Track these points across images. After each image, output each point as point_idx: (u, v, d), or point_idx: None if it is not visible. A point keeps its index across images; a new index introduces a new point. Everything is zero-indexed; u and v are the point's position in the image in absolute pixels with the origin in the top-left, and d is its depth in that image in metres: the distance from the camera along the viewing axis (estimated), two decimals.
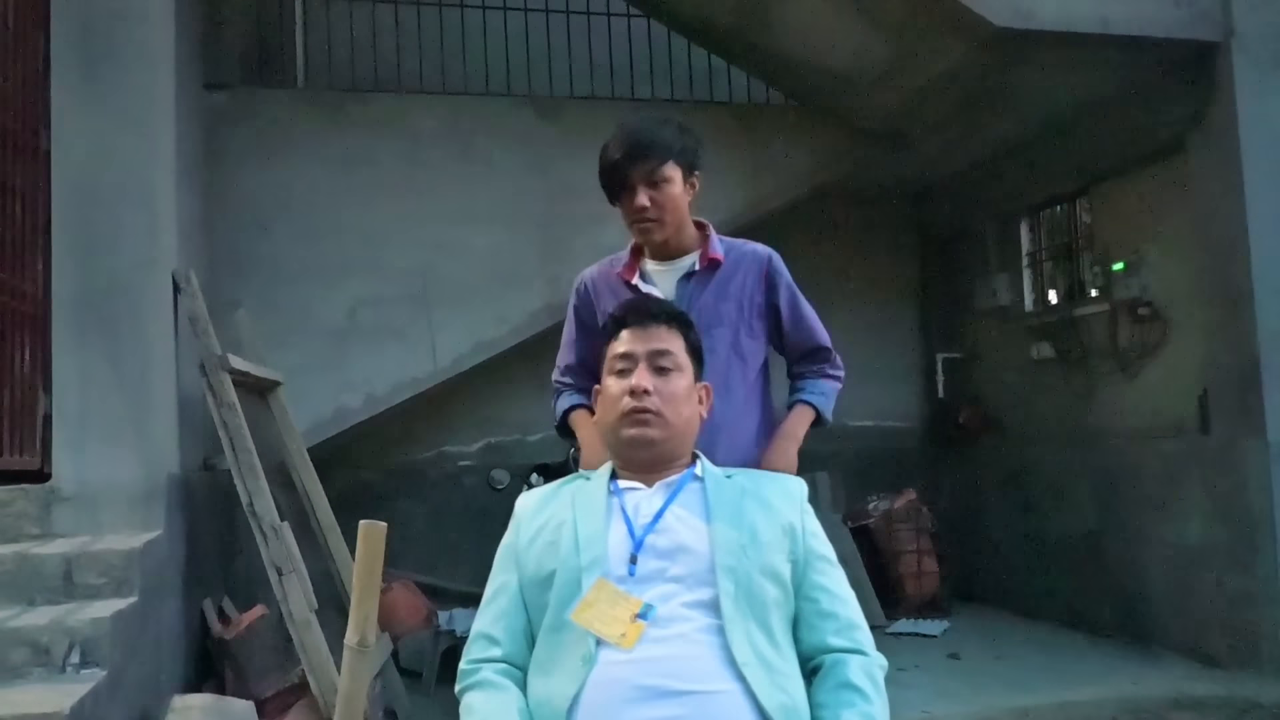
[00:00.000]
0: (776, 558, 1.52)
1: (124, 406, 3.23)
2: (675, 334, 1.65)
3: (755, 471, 1.77)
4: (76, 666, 2.51)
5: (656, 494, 1.59)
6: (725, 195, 4.93)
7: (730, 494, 1.59)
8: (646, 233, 2.04)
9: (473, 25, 4.99)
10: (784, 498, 1.62)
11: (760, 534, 1.53)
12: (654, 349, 1.62)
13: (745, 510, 1.56)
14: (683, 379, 1.63)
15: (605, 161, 2.04)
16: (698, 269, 2.09)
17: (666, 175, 2.00)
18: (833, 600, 1.53)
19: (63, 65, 3.30)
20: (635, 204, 2.00)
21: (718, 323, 2.06)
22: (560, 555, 1.51)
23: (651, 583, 1.47)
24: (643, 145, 1.99)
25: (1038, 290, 5.82)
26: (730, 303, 2.09)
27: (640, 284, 2.06)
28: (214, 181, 4.17)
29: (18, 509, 3.05)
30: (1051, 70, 4.41)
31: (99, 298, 3.27)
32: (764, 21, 4.60)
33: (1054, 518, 5.39)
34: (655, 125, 2.04)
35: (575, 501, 1.60)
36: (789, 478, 1.71)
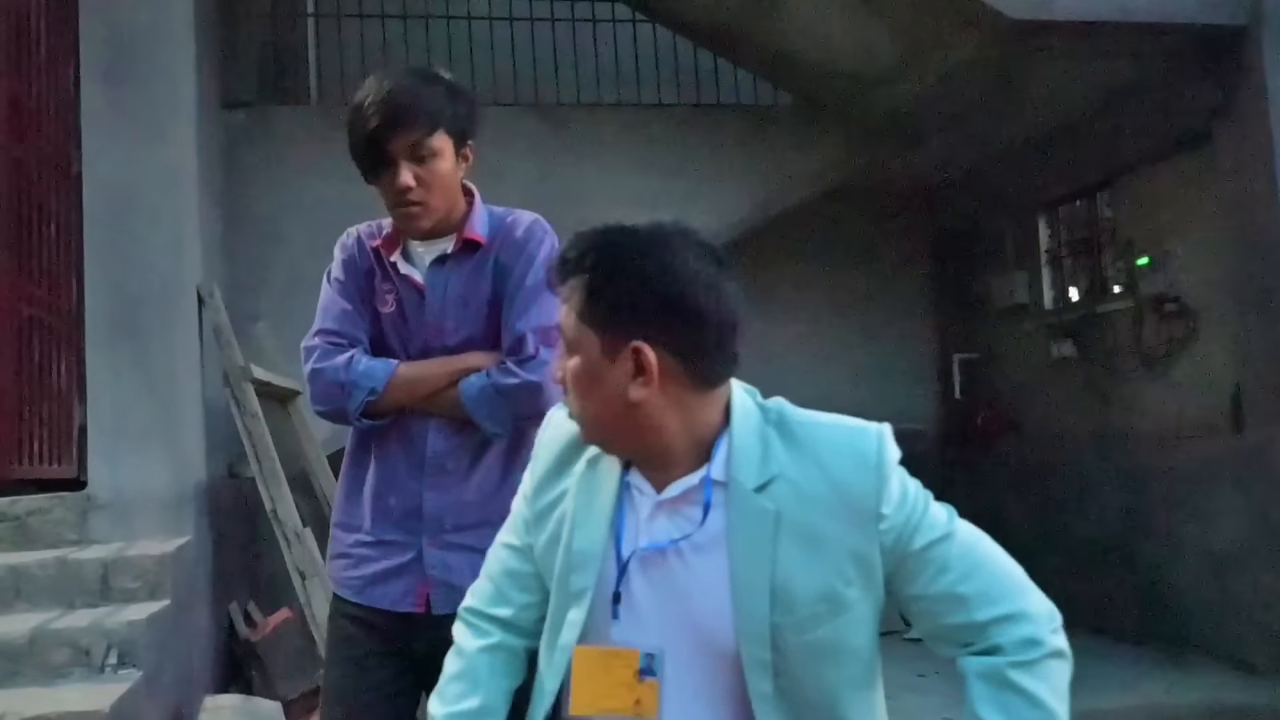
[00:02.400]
0: (837, 621, 1.12)
1: (154, 417, 3.34)
2: (574, 289, 1.14)
3: (808, 446, 1.15)
4: (114, 667, 2.60)
5: (662, 512, 1.18)
6: (734, 197, 5.00)
7: (758, 524, 1.12)
8: (411, 219, 1.66)
9: (480, 37, 5.08)
10: (846, 504, 1.12)
11: (800, 597, 1.10)
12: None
13: (781, 558, 1.11)
14: (573, 361, 1.15)
15: (359, 131, 1.61)
16: (452, 250, 1.71)
17: (435, 148, 1.62)
18: (957, 579, 1.12)
19: (91, 90, 3.44)
20: (398, 183, 1.61)
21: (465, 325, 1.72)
22: (555, 565, 1.24)
23: (647, 623, 1.16)
24: (405, 111, 1.59)
25: (1057, 287, 5.79)
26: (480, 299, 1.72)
27: (400, 263, 1.72)
28: (233, 197, 4.28)
29: (56, 516, 3.15)
30: (1070, 61, 4.36)
31: (129, 312, 3.38)
32: (770, 22, 4.65)
33: (1078, 520, 5.32)
34: (419, 85, 1.64)
35: (585, 484, 1.24)
36: (857, 444, 1.14)
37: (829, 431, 1.16)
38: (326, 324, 1.73)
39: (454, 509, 1.70)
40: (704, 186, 4.95)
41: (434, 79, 1.69)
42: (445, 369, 1.70)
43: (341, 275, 1.76)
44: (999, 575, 1.14)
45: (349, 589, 1.74)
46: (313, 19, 5.26)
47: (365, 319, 1.74)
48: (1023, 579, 1.15)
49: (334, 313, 1.74)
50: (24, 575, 2.83)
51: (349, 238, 1.79)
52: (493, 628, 1.32)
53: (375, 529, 1.73)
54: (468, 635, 1.32)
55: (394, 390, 1.68)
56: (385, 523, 1.72)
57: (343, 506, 1.79)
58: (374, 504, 1.73)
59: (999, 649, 1.11)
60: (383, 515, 1.72)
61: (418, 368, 1.70)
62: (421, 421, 1.71)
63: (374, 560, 1.72)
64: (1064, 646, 1.13)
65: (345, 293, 1.75)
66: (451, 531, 1.69)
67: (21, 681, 2.50)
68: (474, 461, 1.72)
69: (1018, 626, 1.11)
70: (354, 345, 1.72)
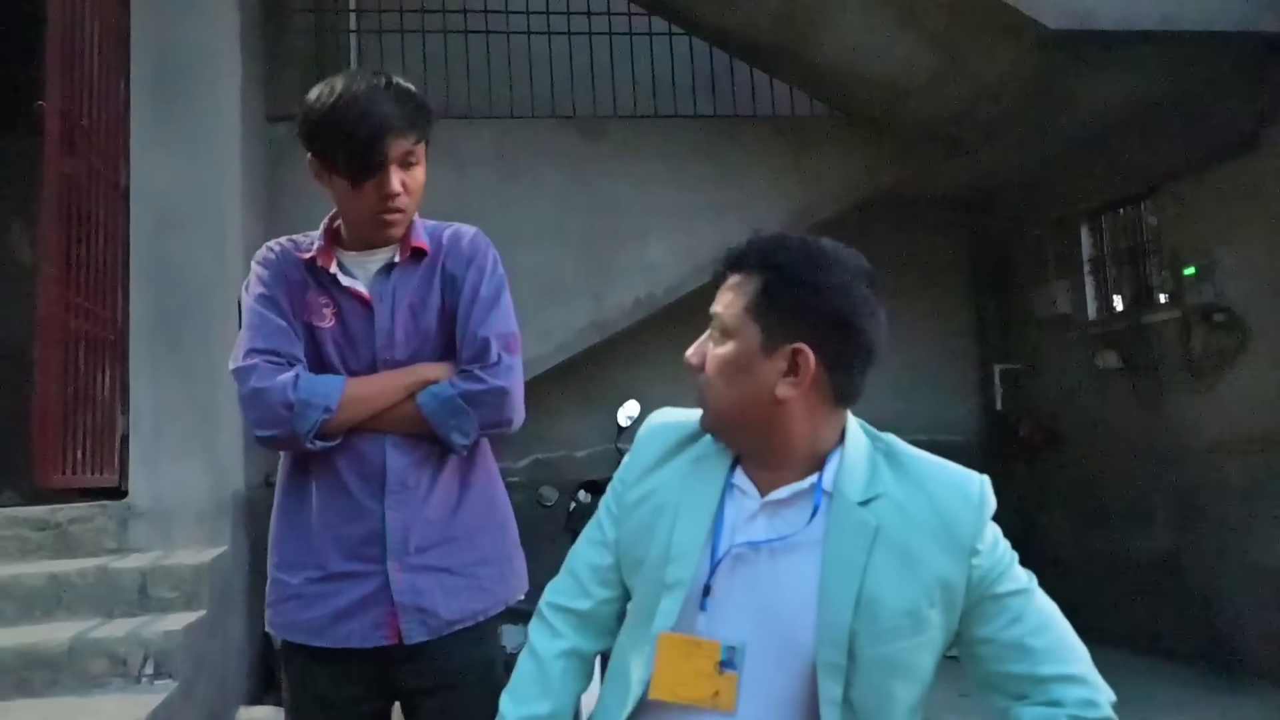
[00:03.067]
0: (915, 639, 1.16)
1: (193, 426, 3.40)
2: (745, 283, 1.21)
3: (916, 475, 1.23)
4: (151, 677, 2.65)
5: (764, 513, 1.23)
6: (771, 208, 4.97)
7: (857, 535, 1.18)
8: (391, 225, 1.60)
9: (518, 50, 5.10)
10: (946, 532, 1.18)
11: (885, 610, 1.15)
12: (713, 310, 1.25)
13: (872, 569, 1.16)
14: (725, 347, 1.21)
15: (351, 135, 1.52)
16: (399, 259, 1.65)
17: (419, 156, 1.60)
18: (1028, 632, 1.19)
19: (140, 106, 3.52)
20: (388, 188, 1.55)
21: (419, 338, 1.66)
22: (649, 553, 1.26)
23: (732, 618, 1.20)
24: (404, 118, 1.55)
25: (1101, 297, 5.69)
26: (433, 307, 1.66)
27: (339, 274, 1.63)
28: (275, 208, 4.35)
29: (98, 525, 3.23)
30: (1111, 70, 4.30)
31: (171, 323, 3.45)
32: (807, 35, 4.63)
33: (1125, 535, 5.21)
34: (404, 94, 1.58)
35: (688, 481, 1.28)
36: (964, 483, 1.22)
37: (936, 468, 1.25)
38: (259, 343, 1.58)
39: (418, 528, 1.60)
40: (740, 197, 4.93)
41: (410, 88, 1.62)
42: (399, 382, 1.60)
43: (268, 291, 1.62)
44: (1069, 640, 1.21)
45: (306, 632, 1.60)
46: (355, 34, 5.34)
47: (300, 336, 1.62)
48: (1085, 653, 1.21)
49: (267, 330, 1.60)
50: (65, 583, 2.90)
51: (270, 252, 1.67)
52: (567, 628, 1.36)
53: (328, 562, 1.59)
54: (543, 636, 1.36)
55: (348, 407, 1.56)
56: (339, 554, 1.59)
57: (281, 545, 1.65)
58: (323, 535, 1.60)
59: (1058, 703, 1.16)
60: (335, 546, 1.59)
61: (369, 383, 1.60)
62: (374, 439, 1.60)
63: (332, 596, 1.58)
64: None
65: (276, 309, 1.61)
66: (415, 553, 1.59)
67: (60, 691, 2.56)
68: (434, 477, 1.63)
69: (1080, 688, 1.17)
70: (293, 364, 1.58)
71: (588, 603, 1.35)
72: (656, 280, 4.81)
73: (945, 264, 6.39)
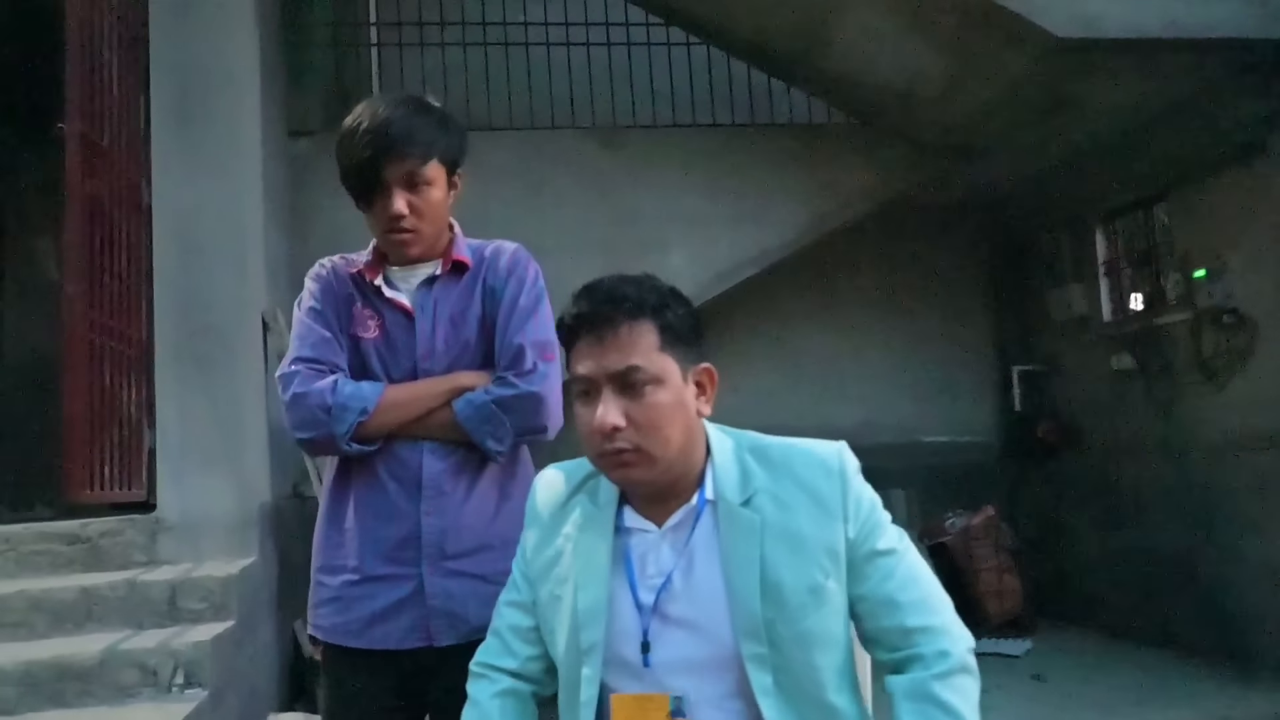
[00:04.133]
0: (821, 611, 1.25)
1: (220, 440, 3.45)
2: (640, 326, 1.24)
3: (781, 463, 1.32)
4: (181, 687, 2.69)
5: (665, 541, 1.31)
6: (789, 215, 4.99)
7: (746, 533, 1.27)
8: (402, 245, 1.66)
9: (538, 62, 5.15)
10: (818, 506, 1.28)
11: (789, 590, 1.24)
12: (614, 369, 1.23)
13: (768, 558, 1.25)
14: (661, 392, 1.23)
15: (352, 158, 1.62)
16: (440, 273, 1.71)
17: (428, 177, 1.63)
18: (897, 587, 1.28)
19: (162, 126, 3.57)
20: (391, 210, 1.62)
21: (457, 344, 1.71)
22: (562, 625, 1.32)
23: (675, 669, 1.26)
24: (400, 140, 1.60)
25: (1115, 300, 5.69)
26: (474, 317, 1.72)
27: (384, 287, 1.70)
28: (298, 223, 4.41)
29: (127, 538, 3.28)
30: (1120, 76, 4.31)
31: (196, 339, 3.50)
32: (822, 43, 4.65)
33: (1141, 533, 5.24)
34: (413, 115, 1.64)
35: (579, 545, 1.34)
36: (822, 456, 1.31)
37: (798, 450, 1.34)
38: (304, 352, 1.67)
39: (453, 534, 1.64)
40: (758, 204, 4.95)
41: (427, 108, 1.68)
42: (436, 389, 1.65)
43: (317, 304, 1.70)
44: (932, 593, 1.30)
45: (345, 634, 1.65)
46: (375, 48, 5.39)
47: (344, 347, 1.69)
48: (948, 603, 1.32)
49: (311, 340, 1.68)
50: (95, 596, 2.95)
51: (322, 268, 1.75)
52: (501, 675, 1.40)
53: (366, 565, 1.64)
54: (479, 685, 1.41)
55: (385, 411, 1.62)
56: (377, 557, 1.64)
57: (324, 549, 1.70)
58: (362, 538, 1.65)
59: (918, 658, 1.26)
60: (373, 549, 1.64)
61: (407, 389, 1.65)
62: (412, 445, 1.65)
63: (370, 599, 1.63)
64: (973, 665, 1.28)
65: (323, 321, 1.69)
66: (451, 558, 1.63)
67: (92, 701, 2.61)
68: (471, 484, 1.67)
69: (938, 638, 1.27)
70: (335, 371, 1.65)
71: (515, 662, 1.40)
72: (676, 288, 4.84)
73: (963, 268, 6.38)
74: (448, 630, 1.60)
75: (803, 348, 6.04)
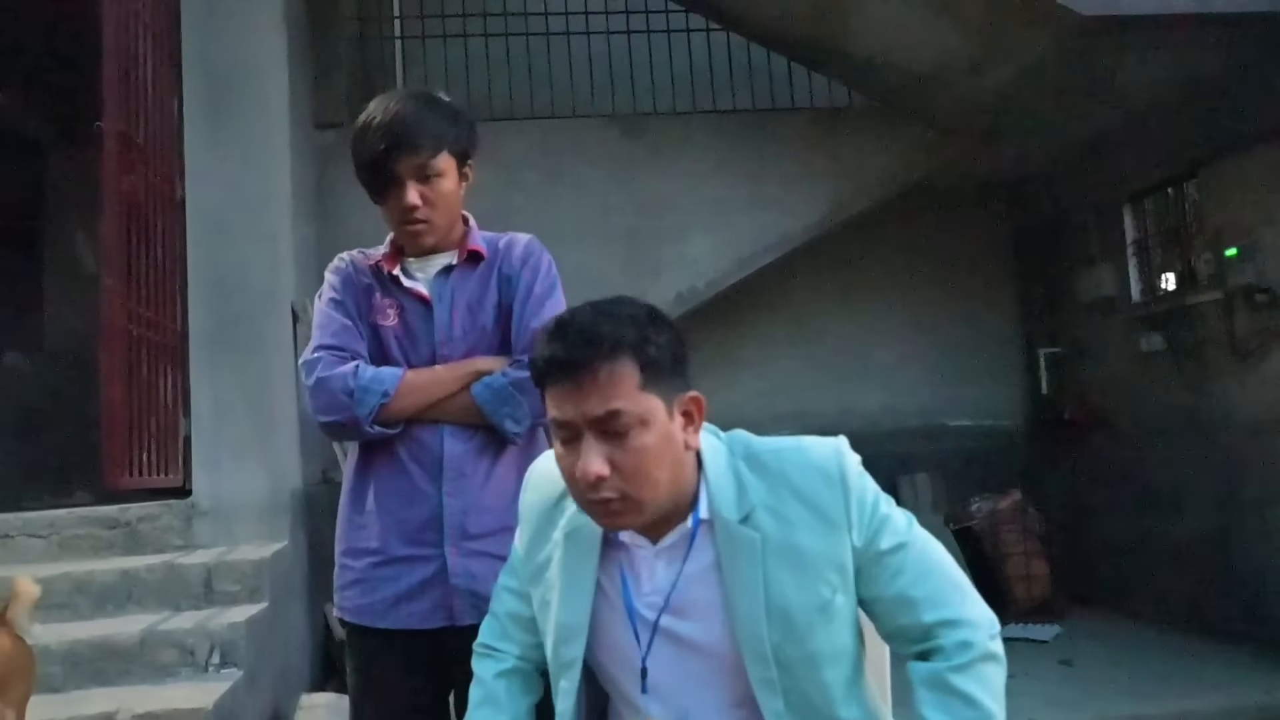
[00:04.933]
0: (830, 627, 1.21)
1: (252, 427, 3.54)
2: (620, 367, 1.15)
3: (777, 473, 1.25)
4: (217, 666, 2.78)
5: (660, 559, 1.26)
6: (810, 199, 4.99)
7: (747, 553, 1.21)
8: (416, 235, 1.72)
9: (558, 51, 5.18)
10: (820, 518, 1.22)
11: (796, 612, 1.19)
12: (595, 414, 1.15)
13: (772, 580, 1.20)
14: (647, 435, 1.15)
15: (366, 152, 1.68)
16: (456, 262, 1.77)
17: (439, 168, 1.69)
18: (909, 583, 1.23)
19: (194, 120, 3.66)
20: (404, 202, 1.68)
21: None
22: (548, 634, 1.32)
23: (676, 684, 1.24)
24: (410, 134, 1.66)
25: (1145, 280, 5.62)
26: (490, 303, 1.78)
27: (402, 276, 1.76)
28: (325, 214, 4.48)
29: (164, 523, 3.38)
30: (1147, 54, 4.25)
31: (228, 328, 3.59)
32: (842, 26, 4.63)
33: (1172, 516, 5.18)
34: (423, 109, 1.70)
35: (565, 556, 1.29)
36: (820, 463, 1.24)
37: (794, 456, 1.26)
38: (326, 339, 1.73)
39: (474, 514, 1.68)
40: (779, 189, 4.95)
41: (436, 102, 1.74)
42: (455, 373, 1.70)
43: (338, 295, 1.77)
44: (948, 583, 1.25)
45: (369, 615, 1.70)
46: (399, 41, 5.46)
47: (364, 336, 1.74)
48: (966, 587, 1.26)
49: (332, 328, 1.74)
50: (135, 579, 3.05)
51: (341, 261, 1.82)
52: (505, 655, 1.42)
53: (389, 547, 1.69)
54: (484, 664, 1.42)
55: (405, 394, 1.67)
56: (399, 538, 1.69)
57: (348, 532, 1.76)
58: (384, 521, 1.70)
59: (939, 650, 1.22)
60: (396, 531, 1.69)
61: (426, 373, 1.71)
62: (433, 428, 1.70)
63: (394, 580, 1.68)
64: (998, 651, 1.24)
65: (343, 310, 1.75)
66: (473, 539, 1.68)
67: (133, 679, 2.70)
68: (491, 466, 1.71)
69: (958, 630, 1.22)
70: (355, 358, 1.71)
71: (516, 648, 1.41)
72: (698, 274, 4.87)
73: (987, 250, 6.34)
74: (470, 610, 1.65)
75: (825, 331, 6.04)
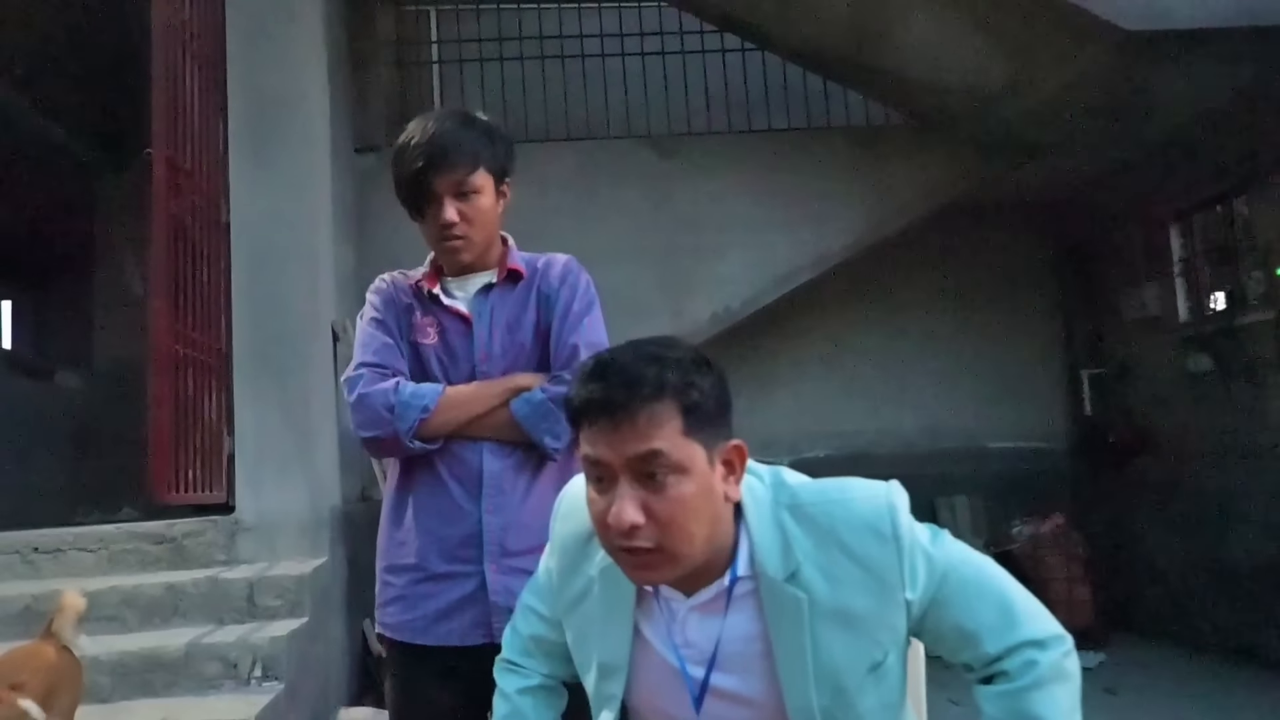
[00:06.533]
0: (881, 686, 1.16)
1: (293, 446, 3.61)
2: (662, 410, 1.09)
3: (826, 529, 1.17)
4: (259, 679, 2.83)
5: (694, 614, 1.20)
6: (847, 218, 4.98)
7: (793, 615, 1.14)
8: (454, 252, 1.74)
9: (593, 73, 5.24)
10: (873, 578, 1.15)
11: (846, 675, 1.14)
12: (633, 454, 1.09)
13: (820, 642, 1.14)
14: (687, 483, 1.09)
15: (405, 171, 1.72)
16: (496, 281, 1.79)
17: (476, 185, 1.72)
18: (961, 616, 1.17)
19: (239, 146, 3.77)
20: (442, 218, 1.71)
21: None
22: (588, 668, 1.28)
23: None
24: (447, 152, 1.69)
25: (1192, 298, 5.50)
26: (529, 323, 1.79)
27: (442, 295, 1.78)
28: (364, 235, 4.56)
29: (208, 538, 3.45)
30: (1193, 68, 4.17)
31: (270, 349, 3.67)
32: (879, 45, 4.62)
33: (1222, 541, 5.03)
34: (460, 128, 1.73)
35: (604, 593, 1.25)
36: (871, 519, 1.16)
37: (842, 511, 1.17)
38: (367, 357, 1.75)
39: (514, 531, 1.69)
40: (816, 209, 4.95)
41: (474, 121, 1.77)
42: (494, 389, 1.72)
43: (379, 314, 1.79)
44: (998, 607, 1.17)
45: (410, 631, 1.71)
46: (437, 65, 5.56)
47: (405, 354, 1.77)
48: (1026, 605, 1.18)
49: (374, 347, 1.76)
50: (180, 593, 3.12)
51: (382, 282, 1.85)
52: (531, 672, 1.40)
53: (429, 563, 1.70)
54: (508, 678, 1.40)
55: (445, 410, 1.69)
56: (439, 555, 1.70)
57: (388, 549, 1.77)
58: (424, 538, 1.71)
59: (1004, 673, 1.16)
60: (436, 547, 1.70)
61: (467, 389, 1.72)
62: (473, 445, 1.72)
63: (433, 597, 1.70)
64: (1068, 667, 1.17)
65: (385, 329, 1.77)
66: (513, 556, 1.69)
67: (178, 691, 2.76)
68: (530, 483, 1.73)
69: (1021, 652, 1.15)
70: (396, 375, 1.73)
71: (542, 667, 1.39)
72: (733, 294, 4.87)
73: (1029, 268, 6.26)
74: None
75: (862, 352, 6.00)
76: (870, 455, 5.64)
